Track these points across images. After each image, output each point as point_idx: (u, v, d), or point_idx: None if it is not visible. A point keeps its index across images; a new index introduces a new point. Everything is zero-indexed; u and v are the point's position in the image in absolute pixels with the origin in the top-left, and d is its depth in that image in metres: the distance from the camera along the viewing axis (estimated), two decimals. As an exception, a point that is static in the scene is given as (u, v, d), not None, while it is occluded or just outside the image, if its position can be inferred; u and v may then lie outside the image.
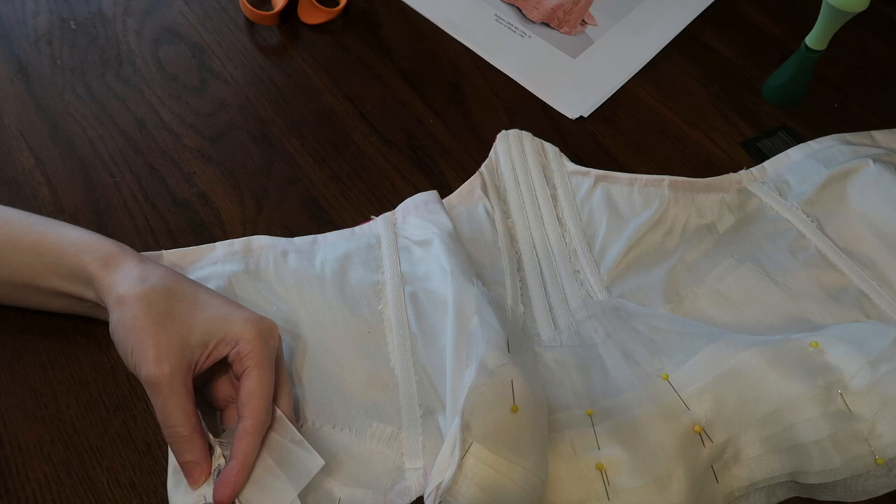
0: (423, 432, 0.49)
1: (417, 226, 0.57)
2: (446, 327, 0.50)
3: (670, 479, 0.44)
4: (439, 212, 0.58)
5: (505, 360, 0.44)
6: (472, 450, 0.41)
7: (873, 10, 0.62)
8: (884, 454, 0.45)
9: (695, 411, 0.46)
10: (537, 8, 0.75)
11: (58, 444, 0.48)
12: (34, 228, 0.48)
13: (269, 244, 0.57)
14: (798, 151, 0.64)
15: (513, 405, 0.42)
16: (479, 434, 0.41)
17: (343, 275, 0.55)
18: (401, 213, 0.59)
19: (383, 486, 0.47)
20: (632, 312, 0.54)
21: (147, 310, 0.44)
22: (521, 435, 0.42)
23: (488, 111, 0.67)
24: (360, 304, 0.54)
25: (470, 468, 0.41)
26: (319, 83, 0.68)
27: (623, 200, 0.60)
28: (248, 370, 0.45)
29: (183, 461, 0.44)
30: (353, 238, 0.58)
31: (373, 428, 0.49)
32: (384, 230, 0.58)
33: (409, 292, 0.54)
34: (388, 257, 0.56)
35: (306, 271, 0.55)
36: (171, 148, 0.62)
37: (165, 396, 0.43)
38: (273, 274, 0.55)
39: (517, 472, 0.41)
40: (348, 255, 0.56)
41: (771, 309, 0.55)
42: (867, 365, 0.46)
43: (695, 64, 0.72)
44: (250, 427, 0.44)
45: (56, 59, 0.67)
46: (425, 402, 0.50)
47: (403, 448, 0.48)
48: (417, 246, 0.56)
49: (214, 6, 0.73)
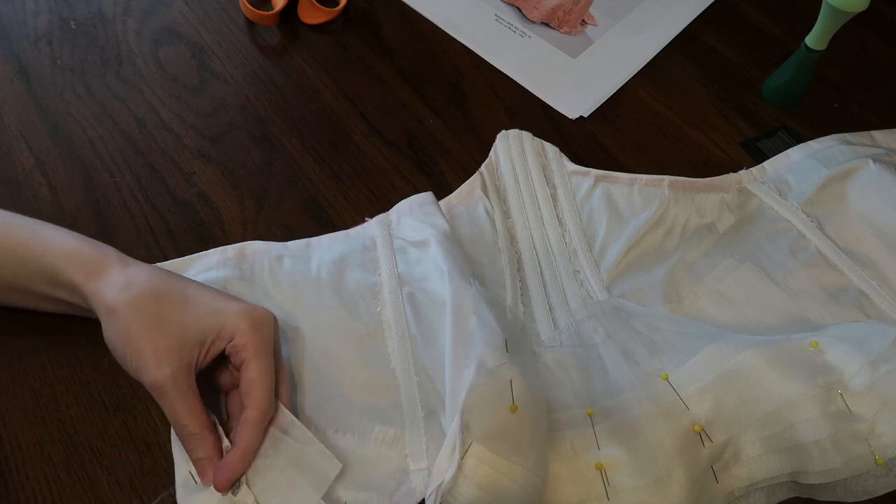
0: (425, 433, 0.49)
1: (413, 227, 0.57)
2: (445, 328, 0.50)
3: (670, 479, 0.44)
4: (435, 213, 0.58)
5: (503, 359, 0.44)
6: (472, 450, 0.41)
7: (873, 10, 0.62)
8: (884, 454, 0.45)
9: (695, 411, 0.46)
10: (537, 8, 0.75)
11: (58, 444, 0.48)
12: (14, 234, 0.48)
13: (263, 249, 0.56)
14: (798, 151, 0.64)
15: (512, 405, 0.42)
16: (479, 434, 0.41)
17: (339, 277, 0.55)
18: (395, 215, 0.58)
19: (388, 489, 0.47)
20: (632, 312, 0.53)
21: (138, 316, 0.45)
22: (521, 434, 0.42)
23: (488, 111, 0.67)
24: (358, 306, 0.54)
25: (470, 468, 0.41)
26: (319, 83, 0.68)
27: (623, 200, 0.60)
28: (247, 361, 0.45)
29: (196, 458, 0.45)
30: (348, 240, 0.57)
31: (376, 431, 0.49)
32: (379, 231, 0.57)
33: (406, 293, 0.54)
34: (385, 258, 0.56)
35: (302, 275, 0.55)
36: (171, 148, 0.62)
37: (172, 399, 0.44)
38: (269, 279, 0.55)
39: (517, 471, 0.41)
40: (344, 257, 0.56)
41: (771, 309, 0.55)
42: (867, 365, 0.46)
43: (695, 64, 0.72)
44: (252, 416, 0.45)
45: (56, 59, 0.67)
46: (427, 402, 0.50)
47: (407, 450, 0.48)
48: (414, 247, 0.56)
49: (214, 6, 0.73)
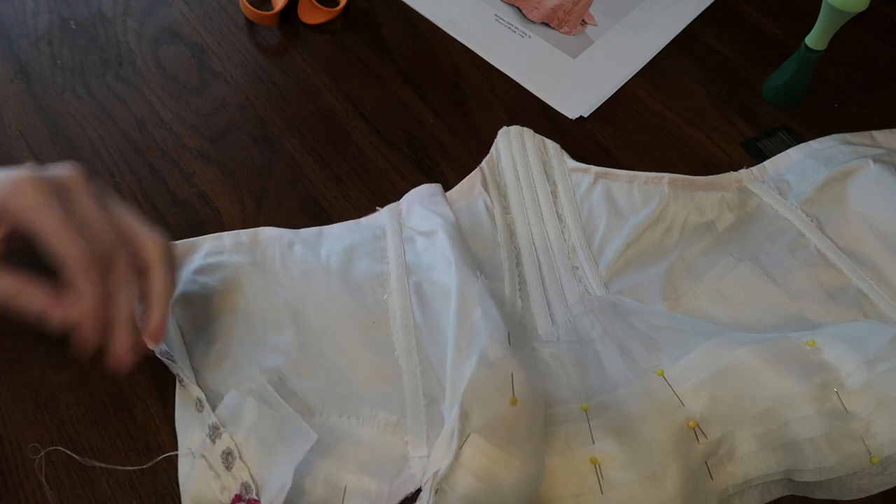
0: (426, 421, 0.49)
1: (422, 216, 0.57)
2: (449, 318, 0.50)
3: (664, 475, 0.44)
4: (443, 204, 0.58)
5: (506, 352, 0.45)
6: (470, 440, 0.41)
7: (873, 10, 0.62)
8: (879, 453, 0.45)
9: (690, 407, 0.46)
10: (537, 8, 0.75)
11: (58, 444, 0.48)
12: None
13: (275, 235, 0.57)
14: (798, 151, 0.64)
15: (512, 398, 0.43)
16: (478, 425, 0.42)
17: (348, 266, 0.56)
18: (405, 204, 0.59)
19: (389, 474, 0.47)
20: (629, 309, 0.54)
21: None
22: (519, 427, 0.43)
23: (488, 111, 0.67)
24: (366, 294, 0.54)
25: (467, 458, 0.41)
26: (319, 83, 0.68)
27: (623, 197, 0.60)
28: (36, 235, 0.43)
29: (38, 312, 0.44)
30: (359, 229, 0.58)
31: (379, 417, 0.49)
32: (389, 221, 0.58)
33: (413, 283, 0.54)
34: (393, 248, 0.56)
35: (312, 262, 0.56)
36: (171, 148, 0.62)
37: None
38: (279, 265, 0.55)
39: (514, 463, 0.41)
40: (353, 246, 0.57)
41: (769, 308, 0.55)
42: (864, 364, 0.46)
43: (695, 64, 0.72)
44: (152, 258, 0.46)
45: (56, 59, 0.67)
46: (429, 391, 0.50)
47: (408, 437, 0.49)
48: (422, 236, 0.56)
49: (214, 6, 0.73)
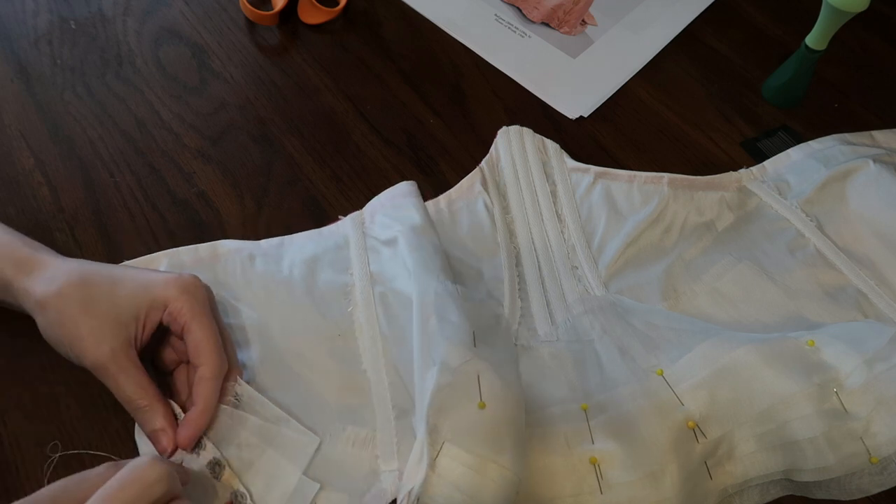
0: (396, 434, 0.48)
1: (384, 225, 0.56)
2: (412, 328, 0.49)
3: (663, 474, 0.44)
4: (406, 206, 0.57)
5: (469, 355, 0.44)
6: (445, 449, 0.41)
7: (873, 10, 0.62)
8: (878, 453, 0.45)
9: (689, 407, 0.46)
10: (537, 8, 0.75)
11: (58, 444, 0.48)
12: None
13: (235, 248, 0.56)
14: (798, 151, 0.64)
15: (479, 401, 0.42)
16: (449, 434, 0.41)
17: (312, 277, 0.54)
18: (368, 212, 0.58)
19: (359, 490, 0.47)
20: (629, 308, 0.54)
21: (68, 303, 0.45)
22: (494, 430, 0.42)
23: (488, 111, 0.67)
24: (330, 306, 0.53)
25: (444, 468, 0.40)
26: (319, 83, 0.68)
27: (622, 197, 0.60)
28: (188, 325, 0.46)
29: (150, 431, 0.45)
30: (321, 239, 0.57)
31: (347, 432, 0.49)
32: (352, 231, 0.57)
33: (378, 293, 0.54)
34: (357, 258, 0.55)
35: (273, 275, 0.54)
36: (171, 148, 0.62)
37: (115, 375, 0.44)
38: (241, 280, 0.54)
39: (492, 468, 0.41)
40: (316, 256, 0.56)
41: (769, 307, 0.55)
42: (863, 364, 0.46)
43: (695, 64, 0.72)
44: (207, 373, 0.45)
45: (56, 59, 0.67)
46: (399, 403, 0.49)
47: (378, 450, 0.48)
48: (384, 246, 0.55)
49: (214, 6, 0.73)
